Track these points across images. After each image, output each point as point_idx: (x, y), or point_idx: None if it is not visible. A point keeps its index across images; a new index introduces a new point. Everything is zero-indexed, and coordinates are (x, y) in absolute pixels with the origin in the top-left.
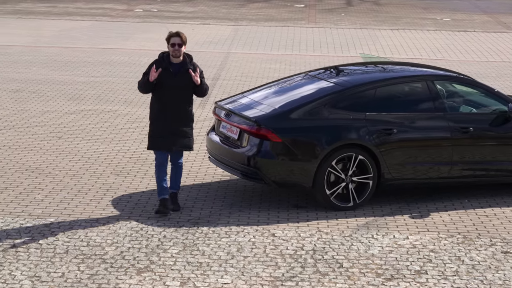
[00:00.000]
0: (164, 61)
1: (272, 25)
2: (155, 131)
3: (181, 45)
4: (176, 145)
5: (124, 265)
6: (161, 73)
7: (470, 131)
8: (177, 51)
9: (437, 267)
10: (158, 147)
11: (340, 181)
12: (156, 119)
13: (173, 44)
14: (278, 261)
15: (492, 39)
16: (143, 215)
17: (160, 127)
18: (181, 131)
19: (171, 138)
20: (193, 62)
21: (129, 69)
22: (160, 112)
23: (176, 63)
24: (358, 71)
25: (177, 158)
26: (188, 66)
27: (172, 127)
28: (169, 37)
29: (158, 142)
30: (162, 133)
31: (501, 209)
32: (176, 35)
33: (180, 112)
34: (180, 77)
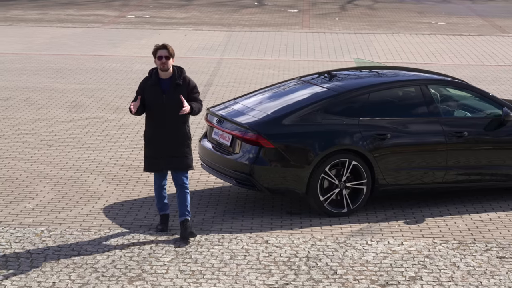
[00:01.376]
0: (152, 78)
1: (265, 30)
2: (150, 152)
3: (168, 57)
4: (173, 166)
5: (115, 274)
6: (151, 90)
7: (465, 135)
8: (164, 64)
9: (432, 273)
10: (153, 169)
11: (333, 187)
12: (150, 139)
13: (160, 57)
14: (271, 268)
15: (487, 42)
16: (135, 223)
17: (154, 148)
18: (178, 151)
19: (167, 159)
20: (185, 76)
21: (121, 76)
22: (154, 132)
23: (166, 78)
24: (351, 76)
25: (180, 179)
26: (176, 81)
27: (168, 148)
28: (156, 50)
29: (153, 164)
30: (156, 154)
31: (497, 214)
32: (162, 48)
33: (175, 131)
34: (170, 94)
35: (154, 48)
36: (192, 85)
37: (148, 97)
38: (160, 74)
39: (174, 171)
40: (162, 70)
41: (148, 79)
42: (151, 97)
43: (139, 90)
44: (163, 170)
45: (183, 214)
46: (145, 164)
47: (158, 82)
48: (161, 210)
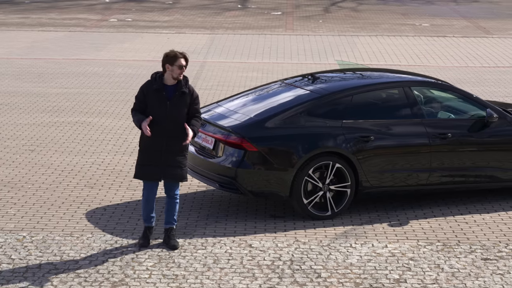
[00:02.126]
0: (157, 82)
1: (248, 33)
2: (145, 160)
3: (186, 67)
4: (167, 175)
5: (98, 279)
6: (154, 96)
7: (449, 137)
8: (181, 74)
9: (417, 275)
10: (146, 176)
11: (317, 190)
12: (147, 147)
13: (180, 66)
14: (255, 272)
15: (472, 44)
16: (118, 228)
17: (150, 156)
18: (174, 160)
19: (162, 168)
20: (189, 85)
21: (103, 80)
22: (152, 139)
23: (171, 84)
24: (334, 78)
25: (172, 189)
26: (182, 89)
27: (165, 156)
28: (175, 57)
29: (146, 171)
30: (152, 162)
31: (481, 215)
32: (183, 57)
33: (174, 139)
34: (175, 102)
35: (173, 54)
36: (195, 95)
37: (151, 102)
38: (166, 80)
39: (168, 181)
40: (175, 79)
41: (152, 83)
42: (154, 102)
43: (140, 94)
44: (157, 179)
45: (169, 222)
46: (137, 171)
47: (163, 88)
48: (147, 222)
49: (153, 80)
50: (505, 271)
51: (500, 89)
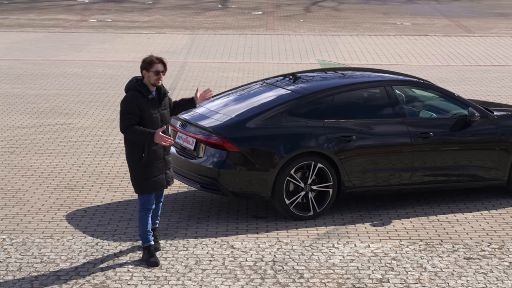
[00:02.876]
0: (146, 91)
1: (229, 33)
2: (152, 172)
3: (164, 72)
4: (170, 179)
5: (79, 282)
6: (149, 105)
7: (431, 136)
8: (160, 79)
9: (399, 275)
10: (153, 189)
11: (299, 190)
12: (151, 159)
13: (157, 72)
14: (237, 273)
15: (453, 43)
16: (98, 229)
17: (157, 165)
18: (169, 162)
19: (166, 173)
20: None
21: (83, 81)
22: (154, 151)
23: (152, 90)
24: (316, 77)
25: (163, 192)
26: (164, 89)
27: (166, 161)
28: (151, 63)
29: (155, 182)
30: (157, 171)
31: (463, 214)
32: (160, 62)
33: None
34: (163, 104)
35: (149, 60)
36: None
37: (146, 112)
38: (148, 86)
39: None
40: (155, 85)
41: (143, 94)
42: (149, 112)
43: (133, 108)
44: (166, 186)
45: (153, 222)
46: (143, 186)
47: (151, 93)
48: (146, 241)
49: (141, 90)
50: (488, 270)
51: (481, 88)
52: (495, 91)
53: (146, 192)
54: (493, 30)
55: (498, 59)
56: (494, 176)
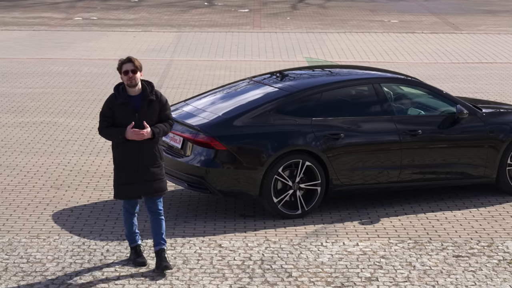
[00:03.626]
0: (121, 95)
1: (216, 30)
2: (122, 179)
3: (135, 71)
4: (147, 191)
5: (65, 281)
6: (122, 109)
7: (419, 134)
8: (132, 79)
9: (388, 273)
10: (126, 196)
11: (287, 189)
12: (121, 164)
13: (126, 72)
14: (225, 272)
15: (441, 40)
16: (85, 229)
17: (127, 173)
18: (152, 173)
19: (142, 184)
20: (155, 91)
21: (68, 79)
22: (126, 156)
23: (136, 94)
24: (303, 75)
25: (154, 205)
26: (150, 97)
27: (142, 172)
28: (120, 65)
29: (127, 191)
30: (130, 180)
31: (452, 212)
32: (127, 61)
33: (148, 152)
34: (144, 112)
35: (119, 63)
36: (163, 100)
37: (119, 117)
38: (129, 90)
39: (148, 197)
40: (130, 86)
41: (117, 97)
42: (122, 116)
43: (106, 109)
44: (138, 196)
45: (158, 243)
46: (116, 190)
47: (130, 100)
48: (133, 242)
49: (116, 93)
50: (477, 268)
51: (469, 85)
52: (483, 88)
53: (118, 197)
54: (480, 27)
55: (485, 56)
56: (482, 173)
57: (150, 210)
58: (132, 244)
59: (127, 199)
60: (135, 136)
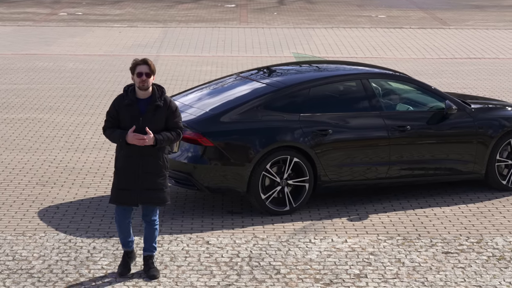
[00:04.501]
0: (129, 96)
1: (202, 26)
2: (121, 183)
3: (149, 74)
4: (145, 200)
5: (52, 279)
6: (127, 111)
7: (408, 129)
8: (145, 82)
9: (377, 270)
10: (122, 201)
11: (275, 185)
12: (122, 167)
13: (139, 74)
14: (213, 269)
15: (429, 35)
16: (71, 226)
17: (127, 178)
18: (153, 182)
19: (141, 192)
20: (165, 96)
21: (54, 75)
22: (127, 160)
23: (144, 98)
24: (291, 71)
25: (150, 214)
26: (157, 102)
27: (142, 178)
28: (134, 66)
29: (124, 196)
30: (128, 185)
31: (441, 208)
32: (143, 63)
33: (151, 159)
34: (149, 116)
35: (133, 63)
36: (173, 107)
37: (124, 118)
38: (138, 93)
39: (146, 205)
40: (141, 89)
41: (124, 97)
42: (127, 118)
43: (112, 109)
44: (135, 204)
45: (148, 249)
46: (112, 195)
47: (136, 102)
48: (125, 245)
49: (124, 94)
50: (467, 265)
51: (458, 81)
52: (471, 83)
53: (112, 202)
54: (468, 23)
55: (474, 52)
56: (471, 169)
57: (145, 218)
58: (125, 248)
59: (122, 205)
60: (135, 141)
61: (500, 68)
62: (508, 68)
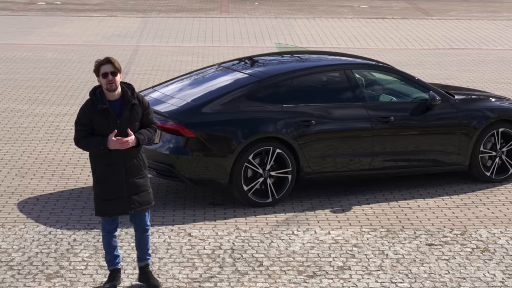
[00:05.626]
0: (100, 100)
1: (183, 16)
2: (104, 193)
3: (115, 73)
4: (134, 205)
5: (32, 272)
6: (100, 117)
7: (391, 120)
8: (112, 82)
9: (361, 262)
10: (111, 212)
11: (258, 177)
12: (105, 177)
13: (105, 74)
14: (195, 261)
15: (411, 26)
16: (51, 218)
17: (110, 187)
18: (137, 185)
19: (127, 199)
20: (136, 93)
21: (33, 65)
22: (107, 168)
23: (115, 99)
24: (273, 61)
25: (142, 220)
26: (132, 101)
27: (129, 185)
28: (98, 67)
29: (110, 206)
30: (114, 194)
31: (425, 200)
32: (106, 62)
33: (131, 161)
34: (125, 118)
35: (95, 64)
36: (146, 104)
37: (99, 124)
38: (108, 95)
39: (136, 211)
40: (110, 90)
41: (94, 102)
42: (103, 124)
43: (83, 117)
44: (126, 212)
45: (143, 258)
46: (99, 207)
47: (109, 106)
48: (112, 264)
49: (94, 98)
50: (450, 257)
51: (441, 72)
52: (454, 74)
53: (100, 214)
54: (451, 13)
55: (457, 42)
56: (455, 161)
57: (136, 225)
58: (111, 266)
59: (112, 216)
60: (118, 145)
61: (483, 58)
62: (491, 59)
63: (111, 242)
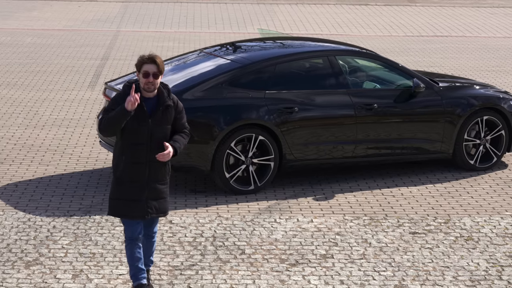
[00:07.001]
0: None
1: (163, 1)
2: (121, 193)
3: (157, 75)
4: (152, 210)
5: (11, 259)
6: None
7: (375, 108)
8: (151, 84)
9: (344, 250)
10: (128, 215)
11: (240, 164)
12: (124, 175)
13: (146, 74)
14: (176, 249)
15: (395, 12)
16: (31, 204)
17: (132, 188)
18: (157, 190)
19: (146, 201)
20: (172, 95)
21: (11, 50)
22: (132, 167)
23: (150, 97)
24: (256, 47)
25: (152, 226)
26: (167, 102)
27: (149, 188)
28: (141, 64)
29: (128, 208)
30: (132, 195)
31: (408, 188)
32: (150, 62)
33: (157, 164)
34: (158, 118)
35: (139, 59)
36: (180, 107)
37: (130, 121)
38: (143, 92)
39: (151, 217)
40: (147, 91)
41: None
42: (133, 119)
43: (115, 106)
44: (143, 217)
45: (147, 263)
46: (113, 207)
47: (142, 101)
48: (136, 279)
49: (126, 89)
50: (434, 245)
51: (424, 59)
52: (438, 62)
53: (114, 214)
54: (435, 0)
55: (440, 29)
56: (439, 149)
57: (145, 232)
58: (136, 282)
59: (127, 218)
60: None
61: (467, 46)
62: (475, 46)
63: (135, 252)
